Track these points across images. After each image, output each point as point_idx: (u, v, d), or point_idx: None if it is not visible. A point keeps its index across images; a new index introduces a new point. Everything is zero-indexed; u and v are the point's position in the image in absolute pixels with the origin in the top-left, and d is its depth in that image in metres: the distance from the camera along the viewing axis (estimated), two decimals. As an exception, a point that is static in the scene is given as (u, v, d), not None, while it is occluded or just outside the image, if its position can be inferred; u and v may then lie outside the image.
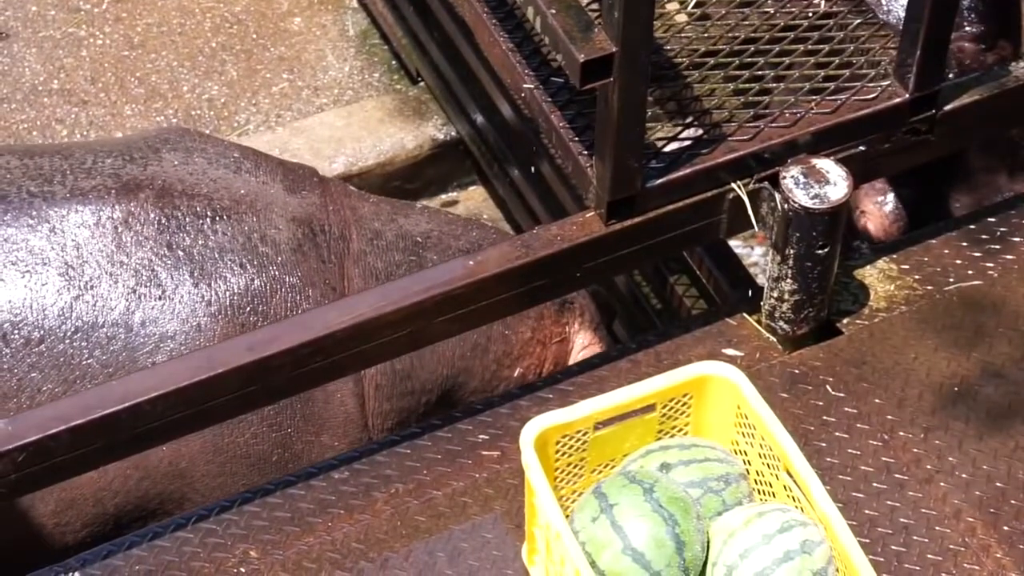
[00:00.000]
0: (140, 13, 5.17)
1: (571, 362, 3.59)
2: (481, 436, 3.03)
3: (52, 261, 3.10)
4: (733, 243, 3.88)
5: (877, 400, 3.05)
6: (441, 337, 3.07)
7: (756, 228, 3.03)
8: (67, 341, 3.05)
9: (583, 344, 3.57)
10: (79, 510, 3.11)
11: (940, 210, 3.87)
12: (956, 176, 3.87)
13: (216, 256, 3.14)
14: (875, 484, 2.91)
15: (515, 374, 3.47)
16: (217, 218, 3.18)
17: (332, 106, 4.94)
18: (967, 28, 3.70)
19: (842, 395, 3.06)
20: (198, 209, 3.18)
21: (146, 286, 3.09)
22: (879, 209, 3.81)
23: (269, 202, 3.27)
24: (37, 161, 3.27)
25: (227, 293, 3.12)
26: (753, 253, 4.61)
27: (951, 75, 3.40)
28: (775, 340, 3.15)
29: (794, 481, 2.64)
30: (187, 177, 3.25)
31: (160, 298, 3.08)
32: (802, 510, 2.63)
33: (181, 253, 3.13)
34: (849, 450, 2.97)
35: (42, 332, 3.06)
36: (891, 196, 3.83)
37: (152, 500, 3.15)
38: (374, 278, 3.30)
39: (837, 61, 3.11)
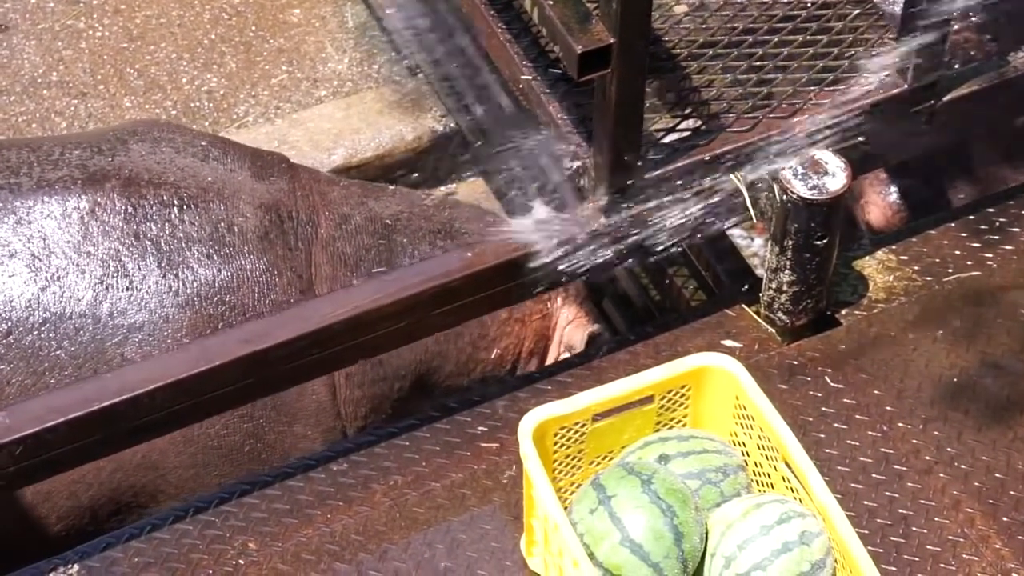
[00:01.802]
0: (139, 5, 5.16)
1: (555, 338, 3.56)
2: (480, 428, 3.03)
3: (19, 252, 3.09)
4: (733, 233, 3.88)
5: (876, 391, 3.04)
6: (439, 329, 3.07)
7: (755, 219, 3.03)
8: (35, 332, 3.05)
9: (567, 319, 3.52)
10: (53, 503, 3.10)
11: (943, 200, 3.86)
12: (960, 166, 3.86)
13: (183, 246, 3.13)
14: (874, 475, 2.91)
15: (492, 355, 3.46)
16: (184, 207, 3.17)
17: (331, 98, 4.93)
18: (972, 18, 3.69)
19: (841, 386, 3.06)
20: (165, 198, 3.18)
21: (113, 276, 3.09)
22: (883, 199, 3.81)
23: (236, 189, 3.26)
24: (4, 154, 3.26)
25: (194, 283, 3.12)
26: (753, 244, 4.59)
27: (956, 65, 3.39)
28: (774, 331, 3.15)
29: (792, 472, 2.64)
30: (154, 167, 3.24)
31: (128, 289, 3.08)
32: (800, 501, 2.63)
33: (148, 243, 3.12)
34: (848, 441, 2.97)
35: (9, 324, 3.06)
36: (895, 186, 3.83)
37: (125, 492, 3.14)
38: (343, 263, 3.28)
39: (835, 51, 3.10)
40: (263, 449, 3.19)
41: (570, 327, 3.53)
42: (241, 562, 2.83)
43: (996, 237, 3.31)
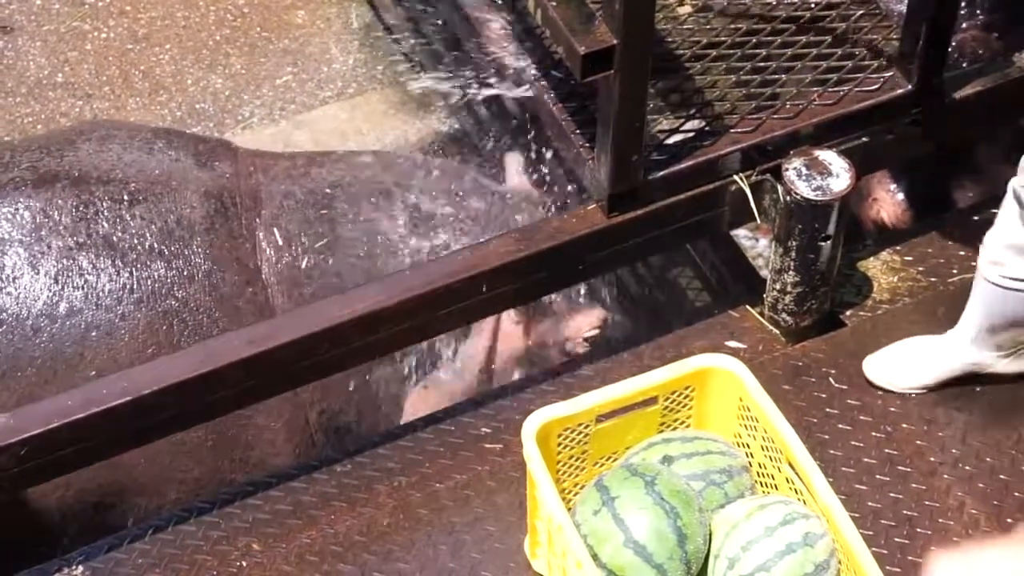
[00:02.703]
0: (144, 6, 5.16)
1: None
2: (484, 429, 3.03)
3: None
4: (738, 234, 3.88)
5: (880, 392, 3.04)
6: (444, 330, 3.07)
7: (758, 220, 3.02)
8: None
9: None
10: (25, 508, 3.09)
11: (951, 198, 3.85)
12: (968, 164, 3.85)
13: (136, 242, 3.15)
14: (878, 476, 2.91)
15: None
16: (134, 202, 3.19)
17: (336, 99, 4.93)
18: (980, 16, 3.68)
19: (845, 387, 3.06)
20: (114, 195, 3.20)
21: (68, 276, 3.10)
22: (891, 197, 3.80)
23: (183, 180, 3.27)
24: None
25: (148, 279, 3.13)
26: (758, 244, 4.59)
27: (964, 64, 3.39)
28: (778, 332, 3.15)
29: (796, 473, 2.63)
30: (102, 164, 3.26)
31: (83, 287, 3.09)
32: (804, 502, 2.63)
33: (101, 241, 3.14)
34: (852, 442, 2.96)
35: None
36: (903, 184, 3.82)
37: (93, 492, 3.13)
38: (287, 242, 3.27)
39: (840, 52, 3.10)
40: (226, 443, 3.19)
41: None
42: (244, 563, 2.83)
43: (1001, 238, 3.30)
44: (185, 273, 3.15)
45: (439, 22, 4.69)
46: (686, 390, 2.77)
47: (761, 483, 2.75)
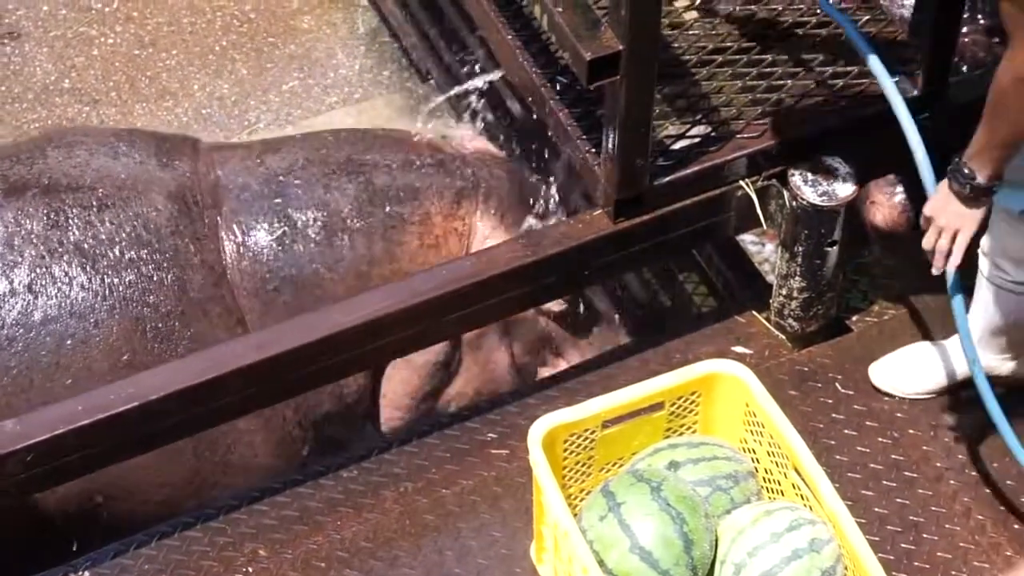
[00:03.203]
0: (151, 12, 5.17)
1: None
2: (489, 435, 3.03)
3: None
4: (744, 239, 3.88)
5: (886, 397, 3.04)
6: (450, 335, 3.08)
7: (764, 226, 3.03)
8: None
9: (485, 235, 3.42)
10: (8, 516, 3.08)
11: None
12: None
13: (106, 249, 3.16)
14: (884, 482, 2.91)
15: None
16: (103, 207, 3.20)
17: (342, 104, 4.94)
18: (981, 21, 3.68)
19: (851, 392, 3.05)
20: (84, 202, 3.21)
21: (42, 285, 3.11)
22: (889, 200, 3.80)
23: (147, 182, 3.28)
24: None
25: (120, 287, 3.13)
26: (764, 250, 4.59)
27: (964, 68, 3.39)
28: (784, 338, 3.15)
29: (802, 479, 2.63)
30: (71, 171, 3.27)
31: (56, 296, 3.10)
32: (811, 508, 2.63)
33: (72, 248, 3.14)
34: (858, 448, 2.96)
35: None
36: (901, 187, 3.82)
37: (74, 498, 3.12)
38: (247, 239, 3.26)
39: (845, 58, 3.10)
40: (207, 447, 3.18)
41: (489, 242, 3.44)
42: (251, 569, 2.83)
43: (1007, 243, 3.30)
44: (155, 278, 3.16)
45: (445, 28, 4.70)
46: (692, 395, 2.77)
47: (767, 489, 2.75)
